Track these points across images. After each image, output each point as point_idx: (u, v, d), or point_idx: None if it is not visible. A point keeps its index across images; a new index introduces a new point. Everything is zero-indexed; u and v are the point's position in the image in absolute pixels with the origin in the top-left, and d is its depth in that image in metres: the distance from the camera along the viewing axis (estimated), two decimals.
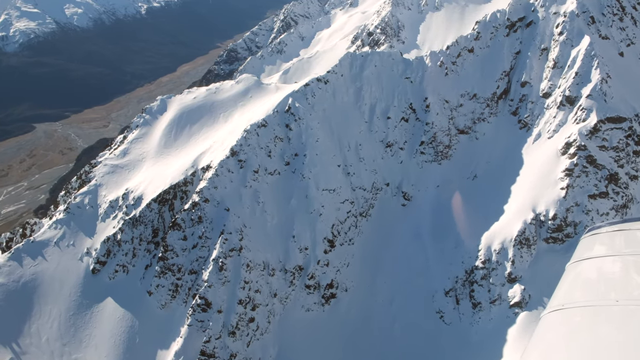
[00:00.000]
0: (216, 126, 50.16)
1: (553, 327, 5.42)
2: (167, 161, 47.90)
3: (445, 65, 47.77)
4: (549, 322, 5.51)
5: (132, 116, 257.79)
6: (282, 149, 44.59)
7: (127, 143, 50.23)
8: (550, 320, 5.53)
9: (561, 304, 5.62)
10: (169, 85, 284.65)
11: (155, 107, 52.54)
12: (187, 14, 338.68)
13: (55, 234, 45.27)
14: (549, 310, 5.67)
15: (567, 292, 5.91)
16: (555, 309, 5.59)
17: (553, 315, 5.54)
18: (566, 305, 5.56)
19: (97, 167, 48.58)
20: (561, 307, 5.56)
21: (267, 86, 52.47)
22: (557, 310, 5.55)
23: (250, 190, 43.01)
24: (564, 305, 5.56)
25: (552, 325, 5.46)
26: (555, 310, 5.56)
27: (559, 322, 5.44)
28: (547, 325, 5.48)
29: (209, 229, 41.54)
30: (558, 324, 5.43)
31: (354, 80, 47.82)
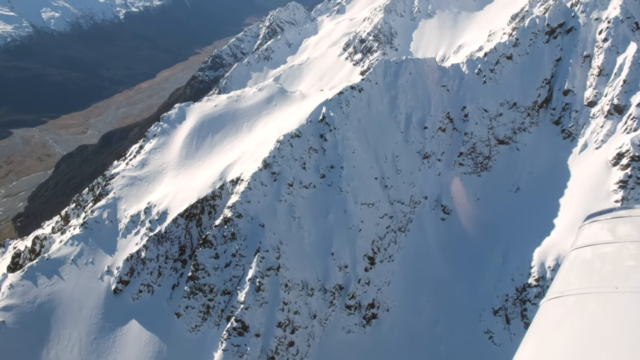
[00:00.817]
0: (240, 136, 47.56)
1: (552, 315, 5.35)
2: (191, 173, 45.14)
3: (483, 73, 45.86)
4: (548, 309, 5.43)
5: (112, 122, 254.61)
6: (317, 161, 42.16)
7: (144, 153, 47.33)
8: (549, 307, 5.44)
9: (560, 291, 5.53)
10: (148, 91, 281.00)
11: (173, 116, 49.72)
12: (165, 19, 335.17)
13: (72, 250, 42.16)
14: (547, 297, 5.57)
15: (566, 280, 5.82)
16: (554, 297, 5.51)
17: (552, 302, 5.46)
18: (565, 293, 5.47)
19: (115, 179, 45.57)
20: (560, 295, 5.48)
21: (291, 94, 50.04)
22: (556, 297, 5.47)
23: (285, 204, 40.50)
24: (563, 293, 5.48)
25: (551, 312, 5.38)
26: (554, 298, 5.48)
27: (557, 309, 5.37)
28: (546, 313, 5.40)
29: (243, 247, 38.90)
30: (557, 311, 5.36)
31: (389, 89, 45.62)
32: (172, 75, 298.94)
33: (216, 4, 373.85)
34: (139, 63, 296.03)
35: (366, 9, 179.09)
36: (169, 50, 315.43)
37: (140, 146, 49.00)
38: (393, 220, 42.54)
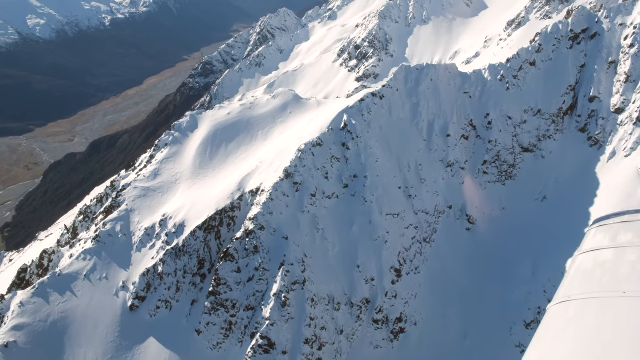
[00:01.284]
0: (255, 144, 46.14)
1: (559, 319, 5.32)
2: (206, 183, 43.61)
3: (506, 79, 44.84)
4: (556, 314, 5.42)
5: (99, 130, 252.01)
6: (339, 170, 40.84)
7: (156, 163, 45.72)
8: (556, 312, 5.43)
9: (568, 295, 5.53)
10: (135, 98, 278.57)
11: (184, 124, 48.17)
12: (152, 26, 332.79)
13: (85, 265, 40.42)
14: (555, 302, 5.57)
15: (574, 284, 5.78)
16: (561, 301, 5.51)
17: (559, 307, 5.44)
18: (573, 297, 5.46)
19: (127, 191, 43.90)
20: (568, 299, 5.47)
21: (307, 101, 48.71)
22: (564, 302, 5.46)
23: (309, 215, 39.12)
24: (570, 297, 5.47)
25: (558, 317, 5.36)
26: (562, 302, 5.48)
27: (565, 314, 5.33)
28: (553, 318, 5.40)
29: (267, 260, 37.44)
30: (564, 316, 5.32)
31: (410, 95, 44.45)
32: (160, 82, 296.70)
33: (203, 10, 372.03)
34: (126, 70, 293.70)
35: (357, 15, 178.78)
36: (156, 57, 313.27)
37: (151, 156, 47.38)
38: (418, 230, 41.30)
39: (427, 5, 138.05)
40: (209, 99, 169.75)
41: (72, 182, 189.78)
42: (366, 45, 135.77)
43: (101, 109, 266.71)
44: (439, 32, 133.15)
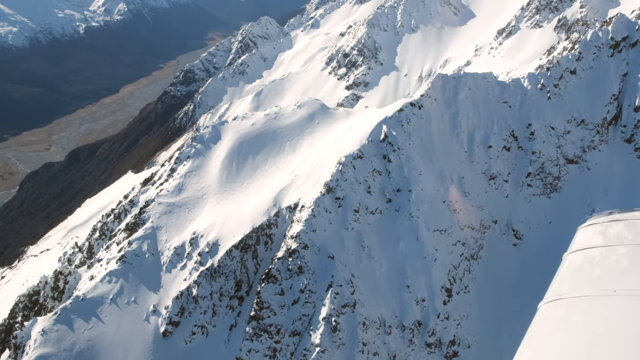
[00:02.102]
0: (283, 156, 43.80)
1: (550, 318, 5.34)
2: (236, 198, 41.11)
3: (547, 88, 43.25)
4: (546, 313, 5.43)
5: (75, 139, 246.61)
6: (381, 184, 38.71)
7: (179, 177, 43.05)
8: (547, 310, 5.44)
9: (558, 294, 5.58)
10: (112, 106, 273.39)
11: (207, 135, 45.59)
12: (127, 34, 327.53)
13: (111, 288, 37.54)
14: (546, 300, 5.57)
15: (564, 283, 5.82)
16: (551, 300, 5.51)
17: (550, 305, 5.42)
18: (564, 296, 5.48)
19: (151, 207, 41.13)
20: (557, 298, 5.49)
21: (334, 111, 46.58)
22: (555, 300, 5.48)
23: (353, 232, 36.90)
24: (561, 296, 5.51)
25: (549, 316, 5.37)
26: (551, 301, 5.50)
27: (556, 312, 5.36)
28: (544, 316, 5.41)
29: (312, 281, 35.08)
30: (555, 314, 5.34)
31: (449, 105, 42.57)
32: (137, 90, 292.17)
33: (178, 19, 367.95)
34: (101, 78, 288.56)
35: (341, 23, 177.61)
36: (132, 65, 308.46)
37: (172, 169, 44.66)
38: (465, 247, 39.33)
39: (415, 14, 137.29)
40: (193, 108, 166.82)
41: (51, 193, 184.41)
42: (355, 54, 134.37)
43: (77, 117, 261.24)
44: (428, 41, 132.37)
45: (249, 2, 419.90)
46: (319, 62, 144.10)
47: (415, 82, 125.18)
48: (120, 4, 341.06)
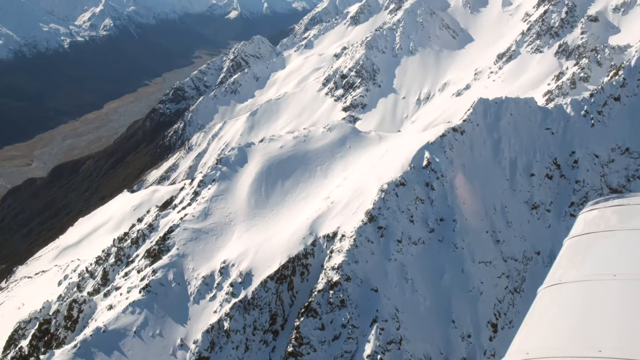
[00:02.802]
0: (314, 182, 41.73)
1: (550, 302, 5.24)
2: (267, 225, 38.85)
3: (590, 115, 41.85)
4: (546, 297, 5.34)
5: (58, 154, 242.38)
6: (424, 213, 36.75)
7: (205, 202, 40.70)
8: (546, 295, 5.33)
9: (558, 279, 5.42)
10: (95, 122, 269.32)
11: (233, 158, 43.36)
12: (112, 49, 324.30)
13: (134, 320, 34.91)
14: (545, 285, 5.42)
15: (564, 268, 5.69)
16: (552, 284, 5.36)
17: (550, 290, 5.31)
18: (563, 280, 5.37)
19: (176, 233, 38.68)
20: (558, 282, 5.36)
21: (366, 135, 44.70)
22: (553, 285, 5.36)
23: (396, 264, 34.82)
24: (560, 280, 5.38)
25: (549, 300, 5.28)
26: (551, 286, 5.37)
27: (555, 297, 5.26)
28: (543, 301, 5.32)
29: (355, 315, 32.86)
30: (554, 299, 5.24)
31: (491, 131, 40.91)
32: (121, 106, 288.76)
33: (164, 36, 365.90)
34: (85, 93, 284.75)
35: (335, 44, 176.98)
36: (117, 81, 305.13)
37: (195, 192, 42.29)
38: (509, 279, 37.43)
39: (414, 36, 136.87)
40: (183, 126, 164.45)
41: (33, 209, 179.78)
42: (353, 75, 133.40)
43: (60, 132, 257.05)
44: (427, 63, 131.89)
45: (237, 21, 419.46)
46: (316, 82, 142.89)
47: (414, 104, 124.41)
48: (106, 20, 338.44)
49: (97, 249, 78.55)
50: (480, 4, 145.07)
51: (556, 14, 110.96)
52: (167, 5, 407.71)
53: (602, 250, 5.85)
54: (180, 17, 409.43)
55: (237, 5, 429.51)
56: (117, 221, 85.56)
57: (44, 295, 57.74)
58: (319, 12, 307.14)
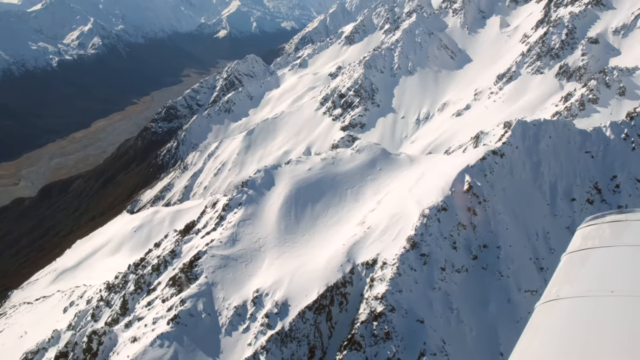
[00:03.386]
0: (345, 205, 40.01)
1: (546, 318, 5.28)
2: (298, 252, 37.02)
3: (631, 138, 40.67)
4: (543, 313, 5.39)
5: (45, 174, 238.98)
6: (466, 239, 35.15)
7: (232, 227, 38.80)
8: (543, 311, 5.39)
9: (555, 294, 5.51)
10: (83, 141, 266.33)
11: (259, 180, 41.55)
12: (100, 68, 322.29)
13: (163, 354, 32.79)
14: (542, 301, 5.53)
15: (561, 283, 5.75)
16: (549, 300, 5.46)
17: (547, 306, 5.40)
18: (561, 296, 5.42)
19: (203, 260, 36.69)
20: (556, 298, 5.43)
21: (396, 157, 43.14)
22: (550, 300, 5.43)
23: (440, 293, 33.10)
24: (558, 296, 5.45)
25: (546, 316, 5.32)
26: (549, 301, 5.44)
27: (552, 313, 5.30)
28: (540, 316, 5.37)
29: (401, 348, 31.01)
30: (552, 315, 5.29)
31: (530, 154, 39.56)
32: (109, 125, 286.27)
33: (153, 54, 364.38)
34: (73, 112, 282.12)
35: (329, 64, 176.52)
36: (105, 99, 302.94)
37: (221, 216, 40.36)
38: None
39: (412, 56, 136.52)
40: (176, 145, 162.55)
41: (21, 229, 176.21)
42: (352, 94, 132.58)
43: (47, 151, 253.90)
44: (426, 83, 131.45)
45: (226, 40, 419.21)
46: (313, 101, 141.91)
47: (413, 124, 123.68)
48: (95, 38, 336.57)
49: (97, 272, 76.19)
50: (477, 25, 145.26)
51: (556, 35, 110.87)
52: (155, 25, 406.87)
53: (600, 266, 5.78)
54: (169, 36, 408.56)
55: (226, 25, 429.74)
56: (117, 243, 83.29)
57: (49, 323, 55.29)
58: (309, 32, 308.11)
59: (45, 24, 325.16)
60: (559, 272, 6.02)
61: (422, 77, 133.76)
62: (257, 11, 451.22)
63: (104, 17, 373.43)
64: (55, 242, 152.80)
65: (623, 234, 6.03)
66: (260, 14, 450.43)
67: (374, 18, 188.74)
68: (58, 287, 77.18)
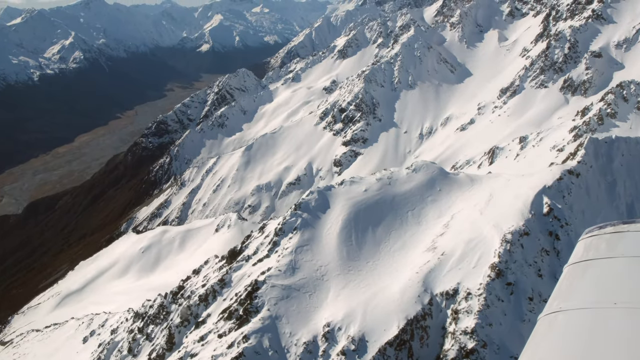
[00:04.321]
0: (407, 229, 37.44)
1: (549, 331, 5.22)
2: (365, 280, 34.32)
3: None
4: (545, 325, 5.32)
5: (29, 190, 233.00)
6: (550, 266, 32.76)
7: (289, 253, 35.99)
8: (546, 323, 5.32)
9: (558, 306, 5.39)
10: (67, 156, 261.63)
11: (313, 203, 38.84)
12: (83, 82, 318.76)
13: None
14: (545, 313, 5.45)
15: (563, 295, 5.65)
16: (551, 312, 5.39)
17: (549, 318, 5.35)
18: (563, 308, 5.30)
19: (263, 290, 33.79)
20: (558, 310, 5.33)
21: (455, 177, 40.77)
22: (554, 312, 5.35)
23: (529, 325, 30.60)
24: (561, 308, 5.32)
25: (549, 328, 5.25)
26: (552, 313, 5.37)
27: (555, 325, 5.22)
28: (543, 329, 5.30)
29: None
30: (554, 327, 5.21)
31: (604, 173, 37.50)
32: (93, 139, 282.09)
33: (136, 69, 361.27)
34: (56, 126, 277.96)
35: (323, 77, 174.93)
36: (88, 113, 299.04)
37: (274, 242, 37.55)
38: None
39: (412, 70, 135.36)
40: (169, 160, 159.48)
41: (6, 248, 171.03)
42: (352, 109, 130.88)
43: (30, 167, 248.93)
44: (427, 98, 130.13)
45: (209, 54, 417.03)
46: (312, 116, 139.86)
47: (416, 139, 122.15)
48: (76, 52, 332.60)
49: (106, 296, 72.56)
50: (476, 39, 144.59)
51: (559, 49, 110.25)
52: (137, 39, 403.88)
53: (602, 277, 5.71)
54: (151, 50, 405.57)
55: (208, 39, 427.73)
56: (124, 265, 79.85)
57: (67, 354, 51.84)
58: (295, 45, 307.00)
59: (25, 38, 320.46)
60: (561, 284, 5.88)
61: (423, 91, 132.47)
62: (239, 25, 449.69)
63: (85, 31, 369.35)
64: (46, 262, 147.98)
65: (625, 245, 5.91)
66: (243, 28, 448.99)
67: (366, 32, 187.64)
68: (63, 311, 73.52)
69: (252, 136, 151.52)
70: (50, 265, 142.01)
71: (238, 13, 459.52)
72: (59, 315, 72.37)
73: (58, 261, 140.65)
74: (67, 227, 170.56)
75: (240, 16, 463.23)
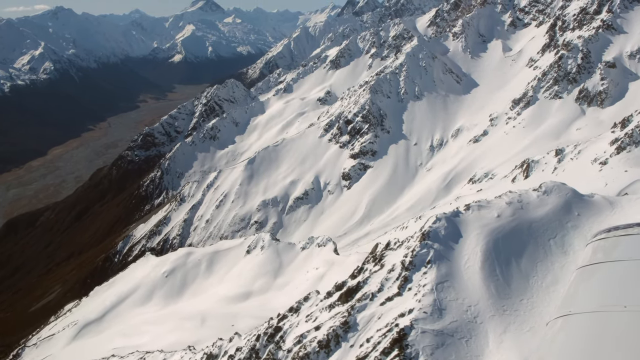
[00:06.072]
0: (554, 260, 32.76)
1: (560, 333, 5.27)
2: (527, 321, 29.39)
3: None
4: (557, 328, 5.37)
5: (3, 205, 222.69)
6: None
7: (429, 292, 31.02)
8: (557, 326, 5.36)
9: (568, 309, 5.46)
10: (41, 170, 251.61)
11: (442, 231, 33.89)
12: (54, 93, 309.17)
13: None
14: (556, 315, 5.54)
15: (574, 298, 5.73)
16: (562, 315, 5.45)
17: (560, 320, 5.39)
18: (573, 311, 5.37)
19: (413, 337, 28.86)
20: (569, 313, 5.39)
21: (591, 199, 36.39)
22: (565, 315, 5.39)
23: None
24: (571, 311, 5.41)
25: (560, 331, 5.31)
26: (562, 316, 5.42)
27: (566, 328, 5.28)
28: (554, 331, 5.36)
29: None
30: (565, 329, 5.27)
31: None
32: (66, 152, 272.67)
33: (106, 79, 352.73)
34: (28, 139, 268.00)
35: (316, 88, 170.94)
36: (60, 125, 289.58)
37: (405, 277, 32.72)
38: None
39: (418, 81, 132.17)
40: (160, 174, 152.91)
41: None
42: (359, 120, 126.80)
43: (3, 181, 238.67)
44: (435, 108, 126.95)
45: (181, 65, 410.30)
46: (316, 128, 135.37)
47: (427, 151, 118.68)
48: (46, 63, 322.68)
49: (132, 327, 66.26)
50: (479, 49, 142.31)
51: (572, 59, 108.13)
52: (107, 49, 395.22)
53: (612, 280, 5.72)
54: (122, 60, 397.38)
55: (181, 49, 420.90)
56: (146, 290, 73.56)
57: None
58: (274, 56, 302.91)
59: None
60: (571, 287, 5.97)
61: (431, 101, 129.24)
62: (212, 35, 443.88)
63: (54, 41, 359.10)
64: (33, 283, 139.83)
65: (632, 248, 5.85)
66: (216, 38, 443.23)
67: (359, 42, 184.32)
68: (84, 343, 66.96)
69: (246, 149, 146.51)
70: (39, 286, 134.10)
71: (210, 23, 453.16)
72: (80, 347, 65.83)
73: (47, 282, 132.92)
74: (50, 245, 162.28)
75: (213, 26, 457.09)
